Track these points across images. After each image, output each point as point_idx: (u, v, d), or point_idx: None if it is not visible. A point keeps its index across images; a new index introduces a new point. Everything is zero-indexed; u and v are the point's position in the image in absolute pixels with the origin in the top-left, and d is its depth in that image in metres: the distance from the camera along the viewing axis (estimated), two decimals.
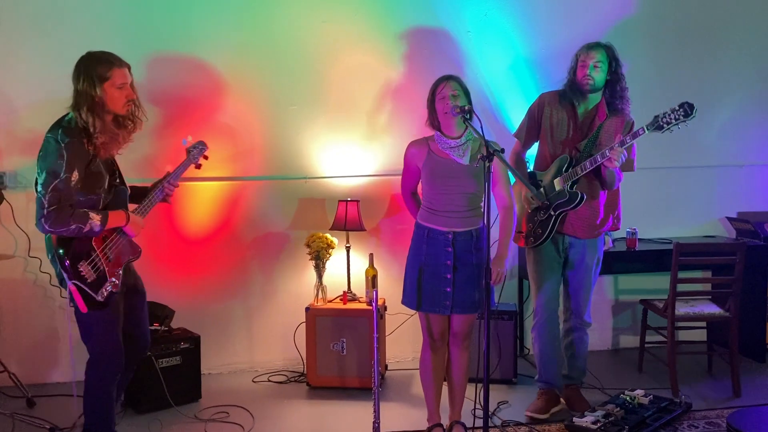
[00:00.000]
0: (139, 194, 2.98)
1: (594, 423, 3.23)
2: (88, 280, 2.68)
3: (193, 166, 3.12)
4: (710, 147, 4.69)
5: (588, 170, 3.30)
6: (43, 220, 2.58)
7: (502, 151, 2.65)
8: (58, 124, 2.67)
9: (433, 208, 3.05)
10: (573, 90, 3.41)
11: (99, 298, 2.70)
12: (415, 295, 3.07)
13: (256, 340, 4.30)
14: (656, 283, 4.66)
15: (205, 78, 4.10)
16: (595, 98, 3.42)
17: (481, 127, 2.68)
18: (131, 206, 2.93)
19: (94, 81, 2.61)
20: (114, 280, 2.75)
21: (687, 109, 3.16)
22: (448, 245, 3.01)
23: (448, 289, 3.01)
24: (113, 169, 2.87)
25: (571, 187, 3.36)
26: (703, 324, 4.30)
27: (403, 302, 3.17)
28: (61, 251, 2.66)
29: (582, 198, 3.31)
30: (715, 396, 3.78)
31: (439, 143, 3.06)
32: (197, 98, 4.11)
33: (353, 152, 4.30)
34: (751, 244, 4.15)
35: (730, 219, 4.70)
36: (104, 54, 2.70)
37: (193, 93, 4.11)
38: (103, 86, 2.63)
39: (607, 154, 3.24)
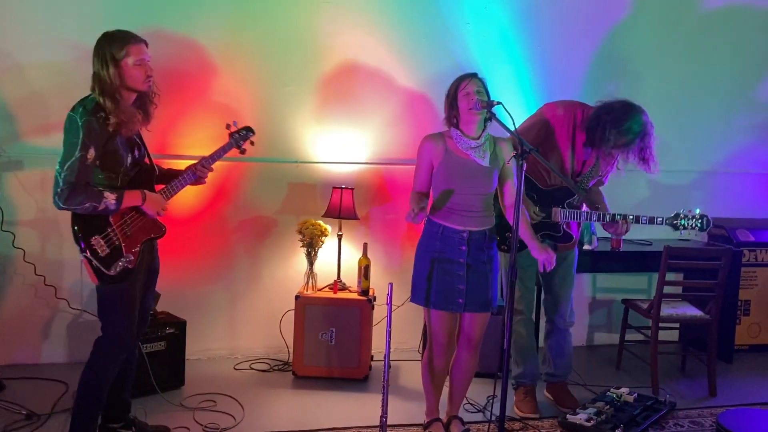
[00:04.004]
0: (169, 176, 2.94)
1: (588, 420, 3.28)
2: (100, 254, 2.66)
3: (237, 151, 3.15)
4: (688, 153, 4.81)
5: (591, 220, 3.35)
6: (57, 197, 2.59)
7: (538, 150, 2.62)
8: (81, 104, 2.64)
9: (449, 207, 2.96)
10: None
11: (111, 273, 2.68)
12: (426, 292, 2.99)
13: (238, 326, 4.18)
14: (632, 283, 4.79)
15: (195, 55, 3.93)
16: None
17: (513, 123, 2.64)
18: (159, 187, 2.87)
19: (107, 62, 2.60)
20: (130, 257, 2.72)
21: (704, 224, 3.33)
22: (463, 244, 2.95)
23: (462, 286, 2.97)
24: (136, 147, 2.80)
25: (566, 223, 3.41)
26: (676, 325, 4.43)
27: (413, 300, 3.07)
28: (76, 226, 2.66)
29: (575, 241, 3.40)
30: (690, 395, 3.90)
31: (458, 142, 2.95)
32: (187, 75, 3.93)
33: (347, 138, 4.21)
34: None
35: None
36: (119, 32, 2.66)
37: (184, 70, 3.92)
38: (120, 65, 2.61)
39: (619, 232, 3.33)
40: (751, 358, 4.56)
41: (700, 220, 3.35)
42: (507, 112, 2.61)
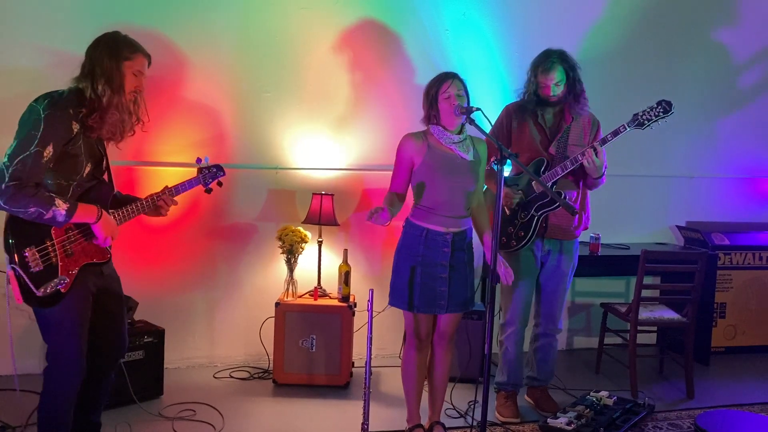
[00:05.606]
0: (124, 202, 2.70)
1: (568, 424, 3.29)
2: (32, 270, 2.35)
3: (202, 188, 2.90)
4: (663, 158, 4.89)
5: (569, 170, 3.32)
6: None
7: (517, 155, 2.64)
8: (48, 95, 2.43)
9: (433, 207, 2.95)
10: (538, 101, 3.41)
11: (39, 293, 2.36)
12: (409, 297, 2.99)
13: (217, 334, 4.14)
14: (611, 287, 4.83)
15: (173, 58, 3.89)
16: (558, 103, 3.44)
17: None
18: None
19: (119, 58, 2.48)
20: (65, 279, 2.41)
21: (665, 107, 3.24)
22: (446, 246, 2.96)
23: (444, 288, 2.98)
24: (100, 160, 2.60)
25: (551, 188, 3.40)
26: (654, 328, 4.47)
27: (393, 304, 3.07)
28: (10, 232, 2.35)
29: (564, 198, 3.34)
30: (668, 397, 3.94)
31: (440, 138, 2.95)
32: (160, 79, 3.87)
33: (327, 144, 4.20)
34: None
35: (679, 227, 4.92)
36: (129, 38, 2.57)
37: (158, 75, 3.86)
38: (123, 64, 2.49)
39: (585, 155, 3.28)
40: (727, 360, 4.63)
41: (659, 107, 3.26)
42: (486, 117, 2.62)
